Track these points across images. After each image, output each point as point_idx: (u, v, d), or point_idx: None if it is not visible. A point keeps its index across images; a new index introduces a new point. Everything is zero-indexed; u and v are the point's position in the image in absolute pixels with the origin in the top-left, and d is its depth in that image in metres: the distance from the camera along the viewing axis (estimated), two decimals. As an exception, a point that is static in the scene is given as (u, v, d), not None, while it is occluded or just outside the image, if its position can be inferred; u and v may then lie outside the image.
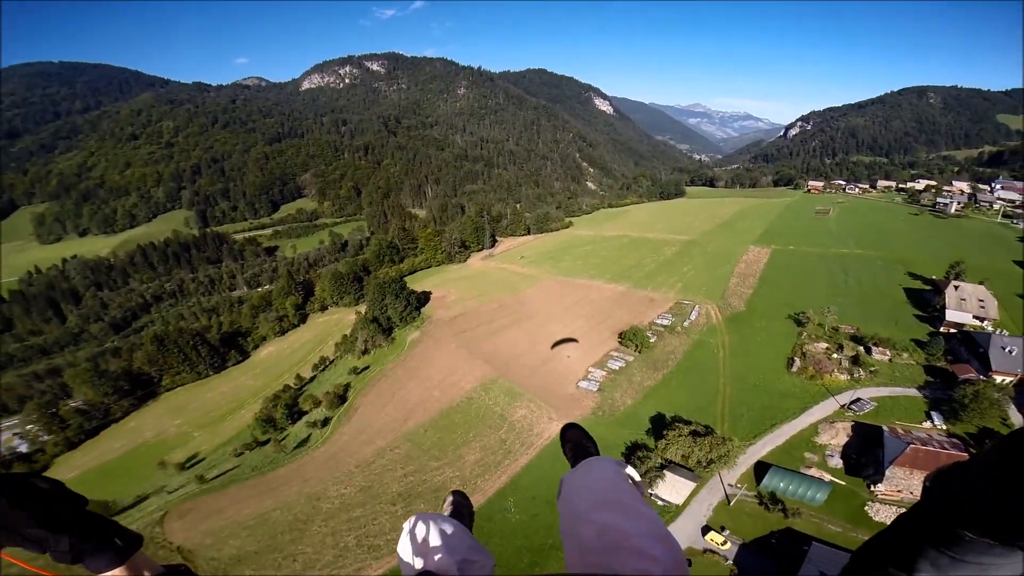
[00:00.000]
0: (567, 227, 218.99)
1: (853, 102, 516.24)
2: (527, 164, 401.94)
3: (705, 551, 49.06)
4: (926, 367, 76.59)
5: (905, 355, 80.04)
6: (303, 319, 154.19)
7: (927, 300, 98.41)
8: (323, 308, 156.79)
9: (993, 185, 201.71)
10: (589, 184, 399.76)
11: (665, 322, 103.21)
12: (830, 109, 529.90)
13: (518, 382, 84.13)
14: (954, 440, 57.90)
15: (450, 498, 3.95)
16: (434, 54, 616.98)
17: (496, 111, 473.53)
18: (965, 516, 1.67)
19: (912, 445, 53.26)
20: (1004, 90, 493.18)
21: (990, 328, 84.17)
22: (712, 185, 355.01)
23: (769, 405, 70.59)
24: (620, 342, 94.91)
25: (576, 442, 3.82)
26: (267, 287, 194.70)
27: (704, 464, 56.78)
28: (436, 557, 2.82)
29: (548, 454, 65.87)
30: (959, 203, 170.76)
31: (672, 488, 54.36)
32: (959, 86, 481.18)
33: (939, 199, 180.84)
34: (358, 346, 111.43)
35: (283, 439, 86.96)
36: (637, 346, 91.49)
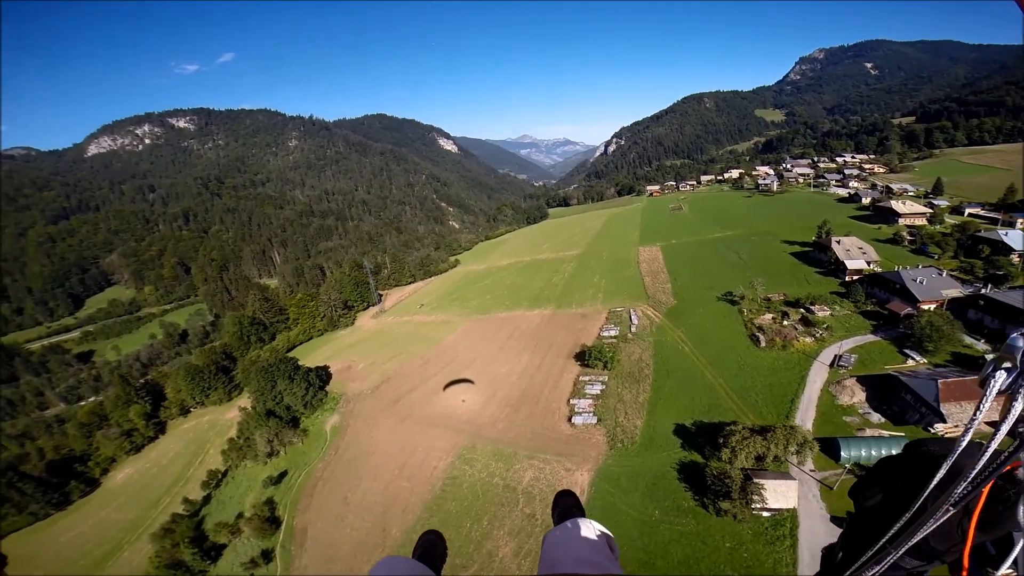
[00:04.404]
0: (455, 266, 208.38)
1: (651, 114, 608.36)
2: (384, 212, 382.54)
3: None
4: (861, 313, 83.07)
5: (837, 307, 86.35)
6: (161, 429, 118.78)
7: (817, 259, 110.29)
8: (184, 412, 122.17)
9: (787, 166, 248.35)
10: (452, 223, 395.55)
11: (613, 333, 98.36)
12: (636, 123, 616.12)
13: (501, 440, 69.59)
14: (941, 370, 60.94)
15: (423, 539, 3.53)
16: (255, 106, 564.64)
17: (338, 160, 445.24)
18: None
19: (940, 380, 53.76)
20: (752, 89, 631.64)
21: (878, 269, 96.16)
22: (567, 204, 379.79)
23: (772, 383, 68.26)
24: (585, 364, 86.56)
25: (565, 507, 3.78)
26: (93, 399, 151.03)
27: (782, 460, 50.39)
28: None
29: (592, 506, 53.13)
30: (776, 182, 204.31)
31: (778, 494, 46.92)
32: (721, 90, 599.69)
33: (761, 181, 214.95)
34: (260, 449, 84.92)
35: (217, 587, 61.40)
36: (605, 364, 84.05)
